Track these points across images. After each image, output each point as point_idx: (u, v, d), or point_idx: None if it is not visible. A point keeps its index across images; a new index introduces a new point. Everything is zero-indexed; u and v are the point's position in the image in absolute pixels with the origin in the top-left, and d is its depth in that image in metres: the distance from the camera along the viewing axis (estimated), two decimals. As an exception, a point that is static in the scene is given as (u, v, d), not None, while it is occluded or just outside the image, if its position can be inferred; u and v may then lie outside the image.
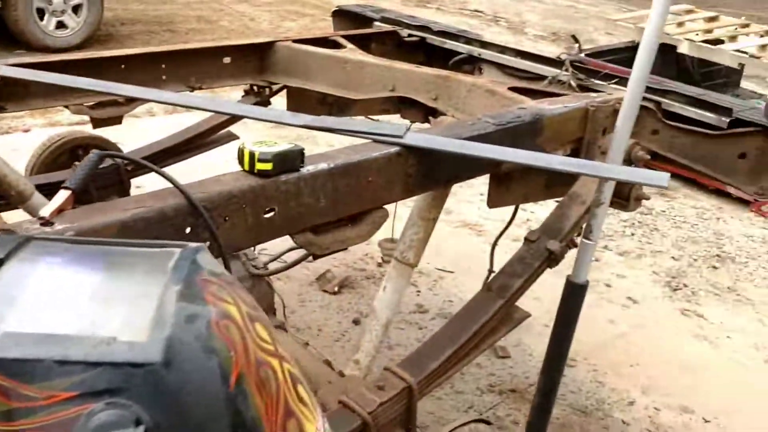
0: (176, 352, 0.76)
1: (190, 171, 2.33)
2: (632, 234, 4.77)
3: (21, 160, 3.17)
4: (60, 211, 1.40)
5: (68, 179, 1.45)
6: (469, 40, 3.28)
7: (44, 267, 0.87)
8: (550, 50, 9.34)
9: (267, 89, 3.01)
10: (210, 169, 1.80)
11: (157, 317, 0.78)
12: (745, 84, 7.26)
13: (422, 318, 3.54)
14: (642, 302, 3.96)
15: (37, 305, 0.81)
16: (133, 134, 4.45)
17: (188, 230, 1.47)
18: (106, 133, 3.13)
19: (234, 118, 2.97)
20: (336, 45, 2.96)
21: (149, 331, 0.76)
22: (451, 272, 3.97)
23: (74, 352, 0.74)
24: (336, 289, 3.65)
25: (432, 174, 1.97)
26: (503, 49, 3.22)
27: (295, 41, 2.91)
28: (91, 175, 1.51)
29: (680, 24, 6.37)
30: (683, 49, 6.00)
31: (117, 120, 2.69)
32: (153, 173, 1.54)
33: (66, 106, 2.56)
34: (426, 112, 2.77)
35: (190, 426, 0.76)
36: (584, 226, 2.23)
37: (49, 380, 0.73)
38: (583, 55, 6.14)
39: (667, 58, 6.47)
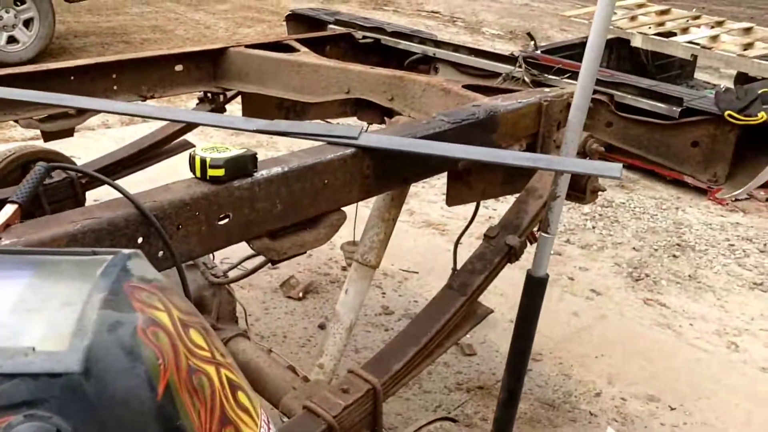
0: (97, 360, 0.74)
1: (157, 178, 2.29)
2: (593, 227, 4.82)
3: (-28, 177, 3.11)
4: (7, 225, 1.37)
5: (14, 193, 1.42)
6: (423, 40, 3.28)
7: None
8: (507, 48, 9.42)
9: (221, 96, 2.99)
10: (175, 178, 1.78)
11: (78, 326, 0.76)
12: (699, 75, 7.39)
13: (388, 320, 3.54)
14: (605, 294, 4.00)
15: None
16: (90, 147, 4.39)
17: (140, 240, 1.45)
18: (61, 146, 3.08)
19: (189, 127, 2.94)
20: (290, 49, 2.95)
21: (69, 340, 0.74)
22: (416, 273, 3.97)
23: None
24: (300, 294, 3.63)
25: (389, 174, 1.97)
26: (457, 48, 3.23)
27: (247, 46, 2.89)
28: (39, 187, 1.48)
29: (633, 18, 6.47)
30: (636, 42, 6.09)
31: (68, 132, 2.64)
32: (111, 187, 1.50)
33: (16, 121, 2.50)
34: (382, 113, 2.77)
35: None
36: (542, 219, 2.25)
37: None
38: (539, 52, 6.22)
39: (622, 52, 6.57)
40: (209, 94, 3.00)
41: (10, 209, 1.39)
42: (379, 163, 1.89)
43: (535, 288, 2.29)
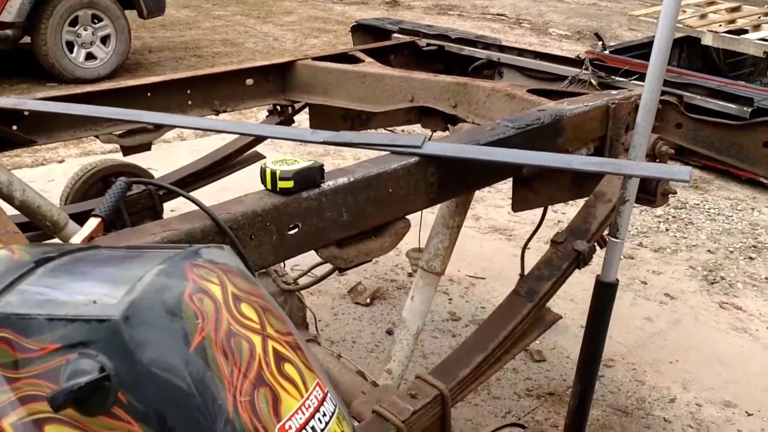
0: (137, 311, 0.89)
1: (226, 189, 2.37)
2: (666, 229, 4.72)
3: (57, 190, 3.27)
4: (91, 238, 1.45)
5: (97, 207, 1.50)
6: (487, 45, 3.29)
7: (78, 264, 1.05)
8: (575, 49, 9.31)
9: (290, 108, 3.06)
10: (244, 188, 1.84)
11: (132, 286, 0.92)
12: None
13: (455, 326, 3.55)
14: (679, 298, 3.92)
15: (60, 285, 0.98)
16: (166, 159, 4.55)
17: (215, 250, 1.52)
18: (139, 158, 3.21)
19: (259, 139, 3.02)
20: (355, 60, 3.00)
21: (121, 296, 0.91)
22: (483, 278, 3.97)
23: (59, 311, 0.90)
24: (368, 300, 3.68)
25: (453, 182, 1.99)
26: (522, 52, 3.23)
27: (314, 59, 2.95)
28: (120, 201, 1.56)
29: (703, 16, 6.31)
30: (707, 40, 5.93)
31: (146, 147, 2.74)
32: (187, 199, 1.57)
33: (96, 136, 2.62)
34: (446, 120, 2.79)
35: (147, 376, 0.87)
36: (611, 224, 2.23)
37: (41, 334, 0.89)
38: (607, 52, 6.14)
39: (693, 50, 6.41)
40: (278, 107, 3.08)
41: (93, 222, 1.47)
42: (442, 171, 1.91)
43: (604, 294, 2.27)
